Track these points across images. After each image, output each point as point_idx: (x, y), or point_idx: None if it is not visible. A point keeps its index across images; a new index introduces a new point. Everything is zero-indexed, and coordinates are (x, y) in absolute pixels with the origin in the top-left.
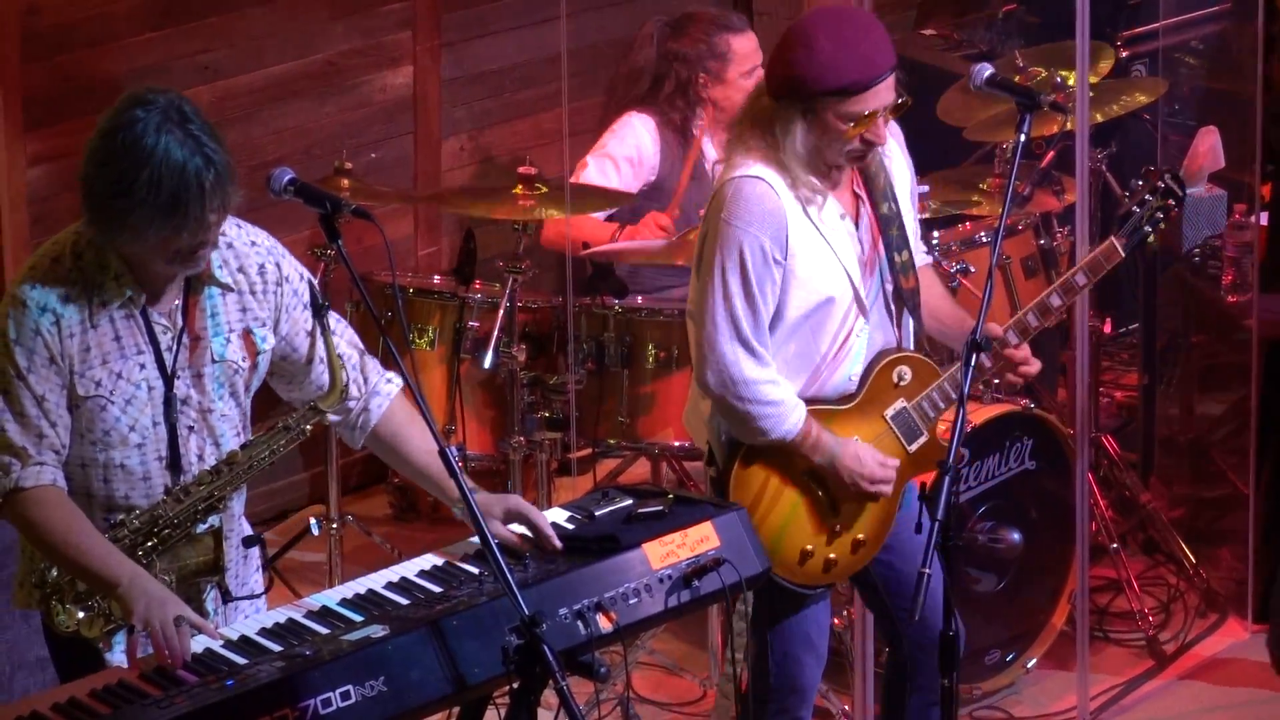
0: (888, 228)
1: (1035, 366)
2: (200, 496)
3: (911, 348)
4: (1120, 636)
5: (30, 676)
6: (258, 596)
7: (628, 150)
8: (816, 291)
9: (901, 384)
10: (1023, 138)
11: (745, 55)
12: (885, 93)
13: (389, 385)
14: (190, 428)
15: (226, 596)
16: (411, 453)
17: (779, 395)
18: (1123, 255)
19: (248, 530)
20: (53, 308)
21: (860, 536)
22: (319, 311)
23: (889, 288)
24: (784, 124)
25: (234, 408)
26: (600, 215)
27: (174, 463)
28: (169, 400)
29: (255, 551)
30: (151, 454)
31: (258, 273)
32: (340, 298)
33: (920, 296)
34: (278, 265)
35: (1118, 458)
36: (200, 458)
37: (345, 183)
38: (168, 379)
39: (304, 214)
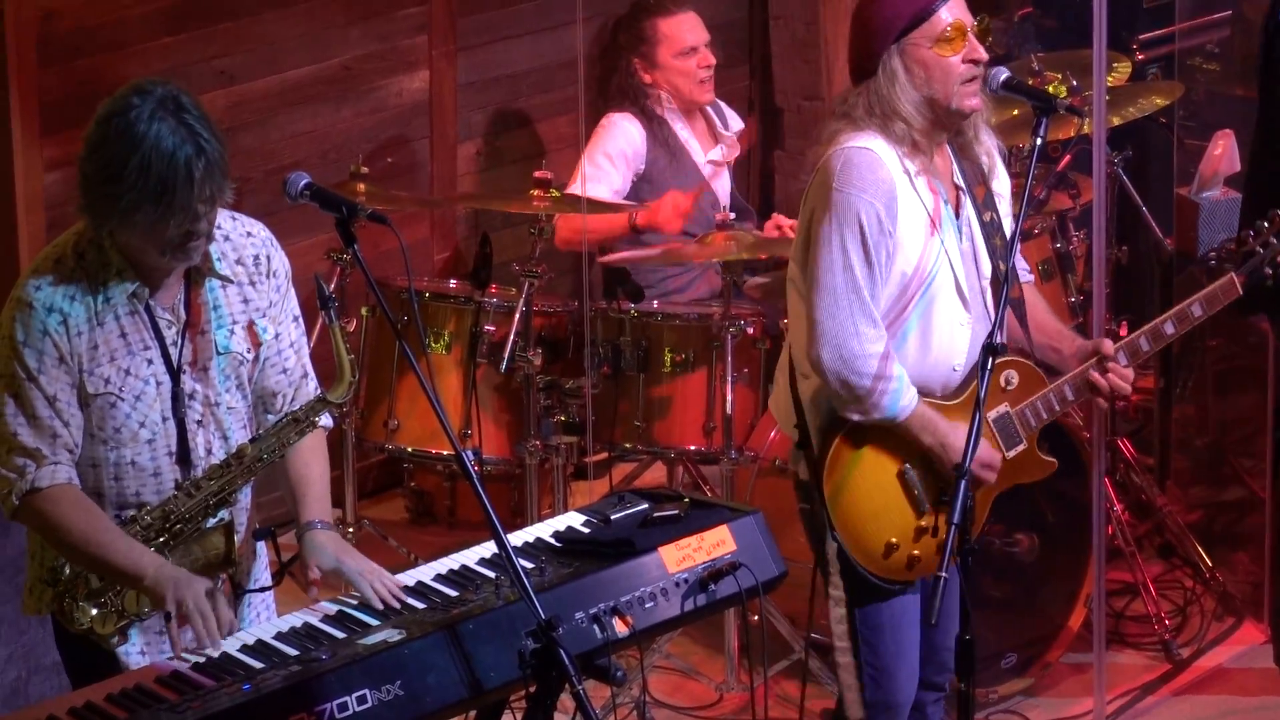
0: (990, 236)
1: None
2: (211, 491)
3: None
4: (1136, 640)
5: (46, 681)
6: (268, 589)
7: (619, 146)
8: (913, 261)
9: (1008, 388)
10: (1040, 141)
11: (674, 36)
12: (960, 10)
13: (317, 423)
14: (198, 422)
15: (238, 590)
16: (289, 469)
17: (897, 371)
18: (1240, 293)
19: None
20: (59, 307)
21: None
22: (326, 304)
23: (985, 286)
24: (890, 84)
25: (240, 400)
26: (615, 192)
27: (184, 457)
28: (176, 395)
29: (263, 545)
30: (161, 449)
31: (254, 263)
32: (356, 302)
33: (1025, 309)
34: (269, 258)
35: (1134, 461)
36: (209, 452)
37: (361, 187)
38: (174, 373)
39: (320, 218)
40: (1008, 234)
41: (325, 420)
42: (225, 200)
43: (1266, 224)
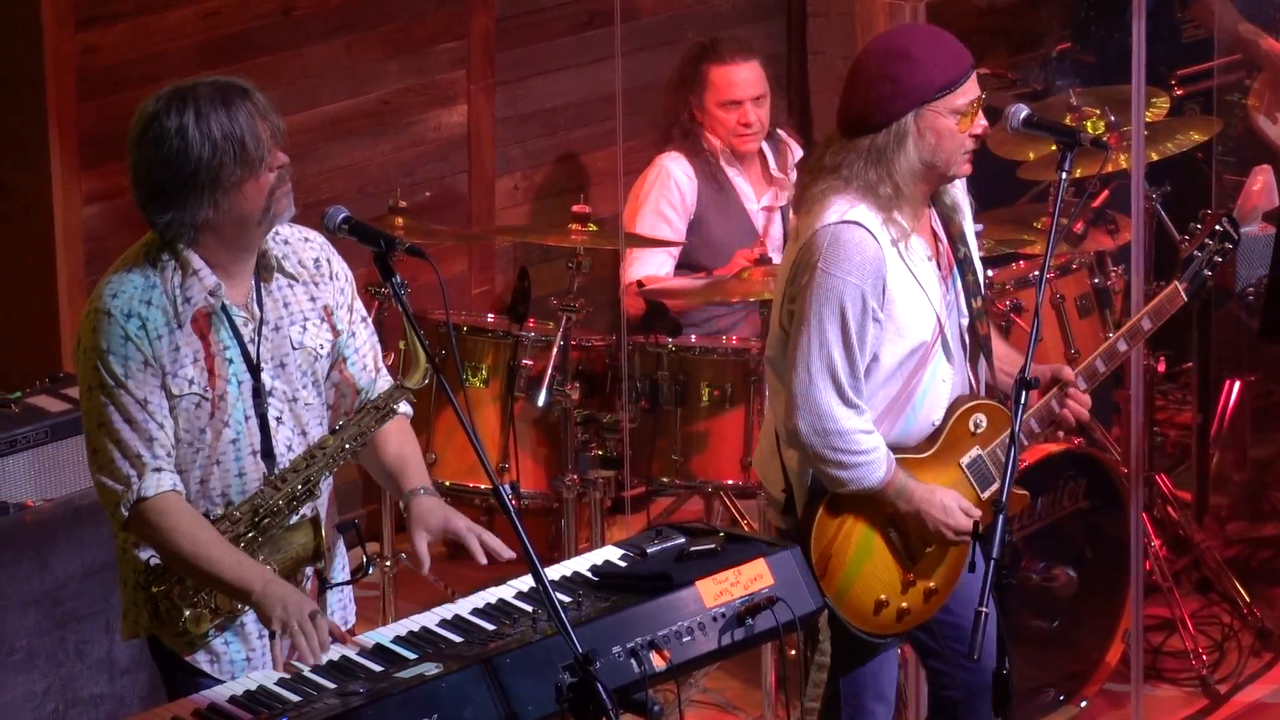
0: (965, 273)
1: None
2: (297, 482)
3: (983, 393)
4: (1174, 676)
5: (84, 714)
6: (349, 583)
7: (673, 196)
8: (912, 337)
9: (978, 432)
10: (1064, 176)
11: (720, 86)
12: (975, 85)
13: (396, 411)
14: (278, 418)
15: (324, 585)
16: (384, 452)
17: (872, 444)
18: (1185, 300)
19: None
20: (137, 312)
21: (932, 585)
22: (396, 291)
23: (965, 333)
24: (896, 145)
25: (315, 396)
26: (668, 270)
27: (267, 454)
28: (258, 391)
29: (340, 541)
30: (245, 448)
31: (314, 265)
32: (394, 336)
33: (991, 344)
34: (329, 260)
35: (1172, 497)
36: (289, 448)
37: (399, 221)
38: (254, 369)
39: (358, 252)
40: (978, 268)
41: (405, 408)
42: (283, 135)
43: (1199, 226)
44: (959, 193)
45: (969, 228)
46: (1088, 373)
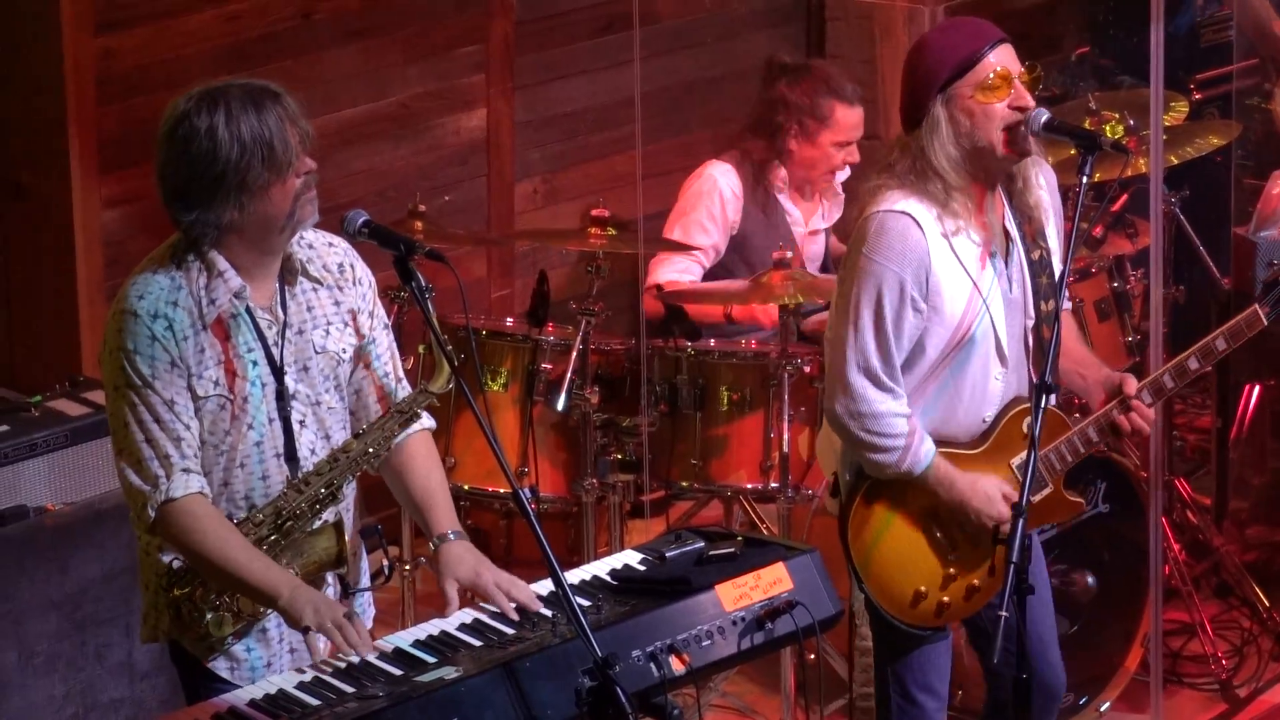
0: (1037, 274)
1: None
2: (320, 485)
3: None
4: (1193, 680)
5: (103, 718)
6: (372, 588)
7: (718, 208)
8: (959, 329)
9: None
10: (1085, 180)
11: (845, 126)
12: (1007, 58)
13: (417, 423)
14: (301, 421)
15: (347, 590)
16: (411, 483)
17: (907, 428)
18: (1265, 324)
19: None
20: (164, 313)
21: (975, 582)
22: (421, 295)
23: (1030, 334)
24: (931, 133)
25: (338, 401)
26: (691, 278)
27: (290, 457)
28: (281, 394)
29: (362, 546)
30: (269, 450)
31: (338, 270)
32: (413, 340)
33: (1060, 346)
34: (353, 266)
35: (1191, 501)
36: (313, 452)
37: (419, 225)
38: (278, 372)
39: (378, 256)
40: (1056, 271)
41: (428, 420)
42: (310, 138)
43: None
44: (1044, 193)
45: (1052, 230)
46: (1154, 387)
